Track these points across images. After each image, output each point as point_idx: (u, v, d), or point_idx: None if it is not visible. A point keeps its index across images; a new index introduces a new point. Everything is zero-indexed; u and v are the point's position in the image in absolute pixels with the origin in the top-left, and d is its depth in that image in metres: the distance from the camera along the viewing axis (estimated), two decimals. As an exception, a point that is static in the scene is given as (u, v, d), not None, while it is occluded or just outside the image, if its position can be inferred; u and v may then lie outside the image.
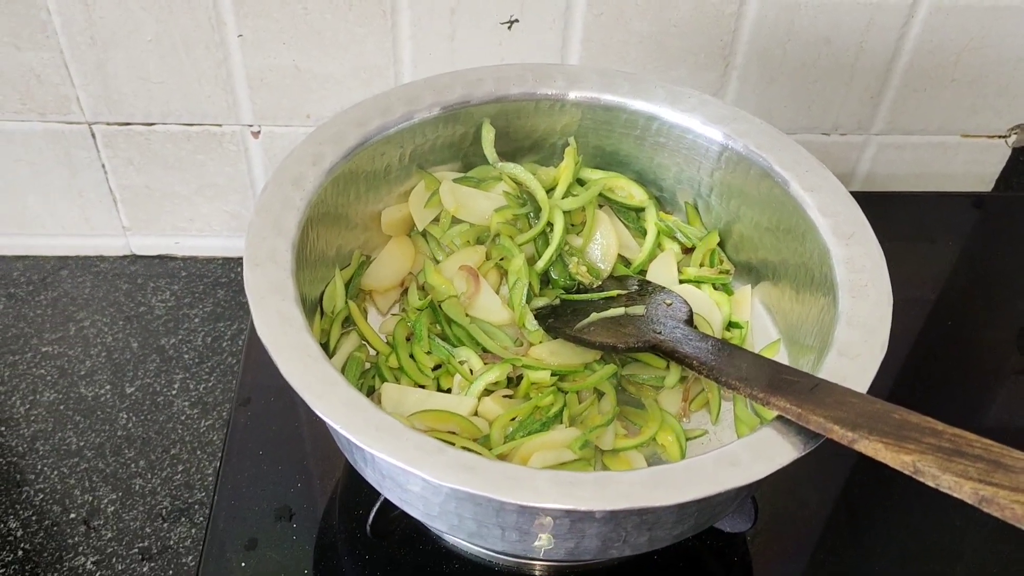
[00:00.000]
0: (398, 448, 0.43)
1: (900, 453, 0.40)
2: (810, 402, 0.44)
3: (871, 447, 0.41)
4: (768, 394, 0.46)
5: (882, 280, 0.52)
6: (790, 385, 0.46)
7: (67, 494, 0.70)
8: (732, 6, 0.74)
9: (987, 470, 0.38)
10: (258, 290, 0.49)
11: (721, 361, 0.51)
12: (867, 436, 0.41)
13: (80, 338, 0.82)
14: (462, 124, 0.64)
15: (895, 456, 0.40)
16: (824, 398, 0.44)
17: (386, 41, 0.74)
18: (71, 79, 0.76)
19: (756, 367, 0.50)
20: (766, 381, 0.47)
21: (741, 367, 0.50)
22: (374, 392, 0.57)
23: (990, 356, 0.77)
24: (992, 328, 0.79)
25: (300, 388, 0.44)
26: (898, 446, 0.40)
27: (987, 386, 0.75)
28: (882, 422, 0.41)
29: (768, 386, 0.47)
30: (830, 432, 0.43)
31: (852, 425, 0.42)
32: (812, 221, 0.57)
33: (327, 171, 0.57)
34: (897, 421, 0.41)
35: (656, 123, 0.64)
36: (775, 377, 0.48)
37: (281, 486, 0.61)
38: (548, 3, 0.73)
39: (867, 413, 0.42)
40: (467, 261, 0.62)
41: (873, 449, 0.41)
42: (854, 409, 0.43)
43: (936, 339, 0.77)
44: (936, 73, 0.81)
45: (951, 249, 0.85)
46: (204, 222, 0.86)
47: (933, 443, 0.40)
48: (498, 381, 0.56)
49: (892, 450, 0.40)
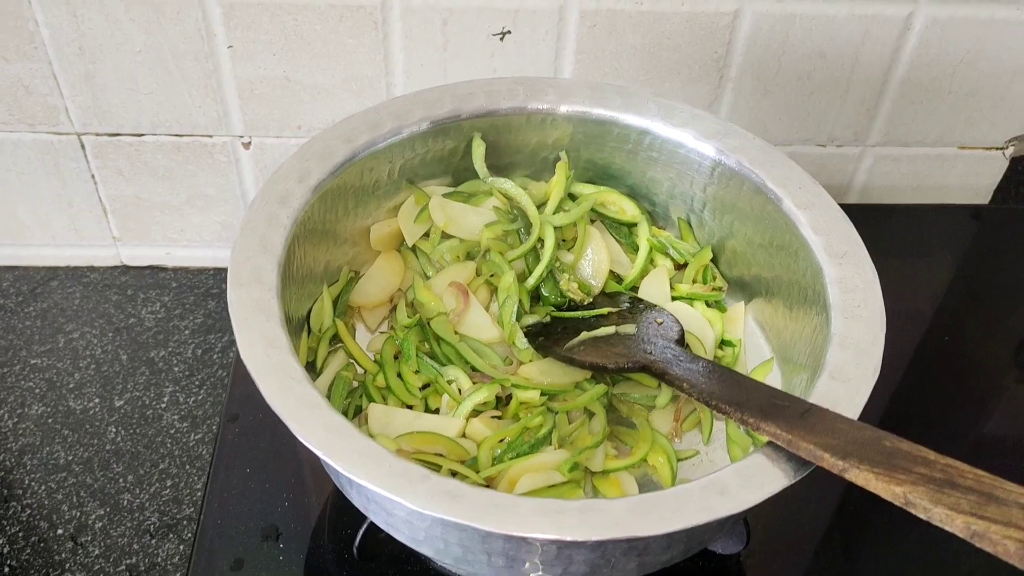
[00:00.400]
0: (380, 475, 0.42)
1: (891, 484, 0.39)
2: (800, 428, 0.43)
3: (862, 477, 0.40)
4: (759, 419, 0.45)
5: (875, 301, 0.52)
6: (781, 410, 0.45)
7: (55, 509, 0.69)
8: (726, 19, 0.73)
9: (979, 503, 0.37)
10: (242, 310, 0.48)
11: (711, 384, 0.51)
12: (857, 465, 0.40)
13: (69, 350, 0.81)
14: (452, 138, 0.63)
15: (886, 487, 0.39)
16: (815, 424, 0.44)
17: (377, 52, 0.74)
18: (60, 90, 0.75)
19: (747, 391, 0.49)
20: (757, 406, 0.47)
21: (732, 390, 0.49)
22: (361, 412, 0.56)
23: (988, 370, 0.76)
24: (990, 342, 0.78)
25: (282, 412, 0.44)
26: (889, 476, 0.39)
27: (985, 401, 0.74)
28: (873, 450, 0.41)
29: (759, 411, 0.46)
30: (820, 460, 0.42)
31: (843, 453, 0.41)
32: (805, 239, 0.56)
33: (314, 187, 0.56)
34: (888, 449, 0.41)
35: (648, 137, 0.63)
36: (766, 402, 0.47)
37: (268, 505, 0.60)
38: (541, 14, 0.72)
39: (858, 440, 0.42)
40: (457, 277, 0.61)
41: (864, 479, 0.40)
42: (845, 436, 0.42)
43: (933, 353, 0.76)
44: (932, 85, 0.80)
45: (948, 262, 0.84)
46: (195, 232, 0.86)
47: (924, 473, 0.39)
48: (487, 401, 0.55)
49: (883, 480, 0.39)
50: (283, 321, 0.49)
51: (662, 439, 0.57)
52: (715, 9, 0.73)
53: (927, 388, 0.74)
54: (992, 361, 0.77)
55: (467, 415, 0.54)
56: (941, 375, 0.75)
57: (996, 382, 0.76)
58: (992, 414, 0.73)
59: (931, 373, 0.75)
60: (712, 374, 0.52)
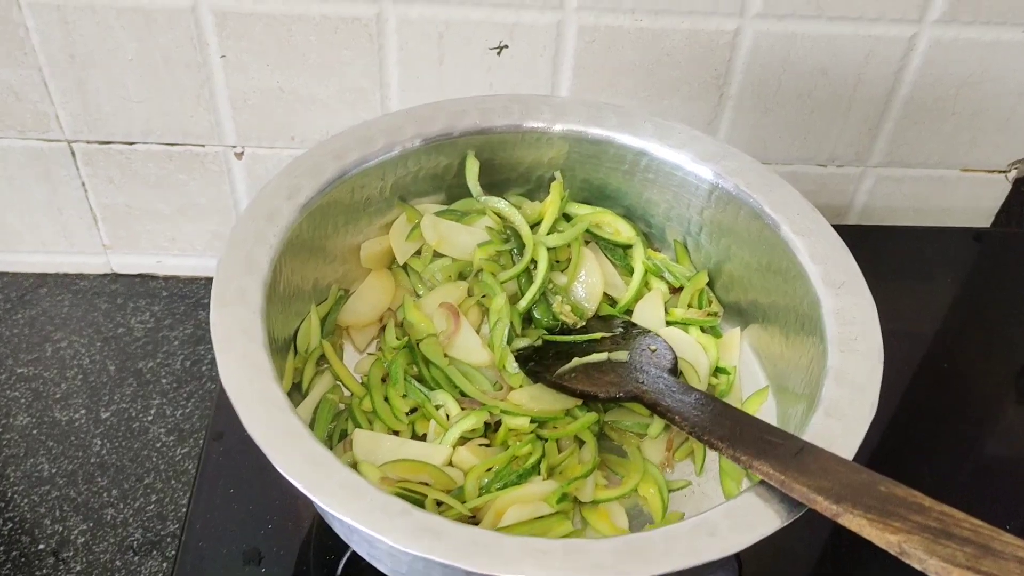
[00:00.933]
0: (360, 510, 0.41)
1: (885, 531, 0.38)
2: (794, 469, 0.42)
3: (855, 522, 0.39)
4: (751, 457, 0.44)
5: (873, 334, 0.51)
6: (774, 448, 0.44)
7: (37, 523, 0.68)
8: (727, 36, 0.72)
9: (976, 555, 0.36)
10: (224, 333, 0.47)
11: (704, 418, 0.50)
12: (851, 510, 0.39)
13: (56, 359, 0.80)
14: (445, 155, 0.62)
15: (880, 534, 0.38)
16: (809, 464, 0.42)
17: (372, 65, 0.73)
18: (50, 97, 0.74)
19: (740, 426, 0.48)
20: (750, 443, 0.46)
21: (724, 425, 0.48)
22: (347, 437, 0.55)
23: (988, 394, 0.75)
24: (991, 366, 0.77)
25: (261, 442, 0.43)
26: (883, 523, 0.38)
27: (984, 424, 0.73)
28: (867, 495, 0.40)
29: (752, 448, 0.45)
30: (813, 503, 0.41)
31: (836, 497, 0.40)
32: (802, 266, 0.55)
33: (303, 205, 0.55)
34: (883, 495, 0.40)
35: (645, 158, 0.62)
36: (759, 439, 0.46)
37: (252, 527, 0.59)
38: (538, 29, 0.71)
39: (852, 484, 0.41)
40: (448, 298, 0.60)
41: (857, 525, 0.39)
42: (839, 479, 0.41)
43: (933, 377, 0.75)
44: (936, 106, 0.79)
45: (949, 285, 0.83)
46: (186, 242, 0.85)
47: (920, 522, 0.38)
48: (475, 428, 0.54)
49: (877, 527, 0.38)
50: (267, 344, 0.47)
51: (653, 469, 0.56)
52: (716, 27, 0.72)
53: (926, 412, 0.73)
54: (993, 385, 0.76)
55: (454, 442, 0.53)
56: (941, 399, 0.74)
57: (996, 406, 0.75)
58: (992, 438, 0.72)
59: (930, 397, 0.74)
60: (705, 407, 0.51)
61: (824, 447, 0.45)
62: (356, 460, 0.52)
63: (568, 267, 0.63)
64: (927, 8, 0.72)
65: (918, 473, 0.67)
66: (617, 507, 0.54)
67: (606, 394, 0.55)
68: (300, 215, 0.55)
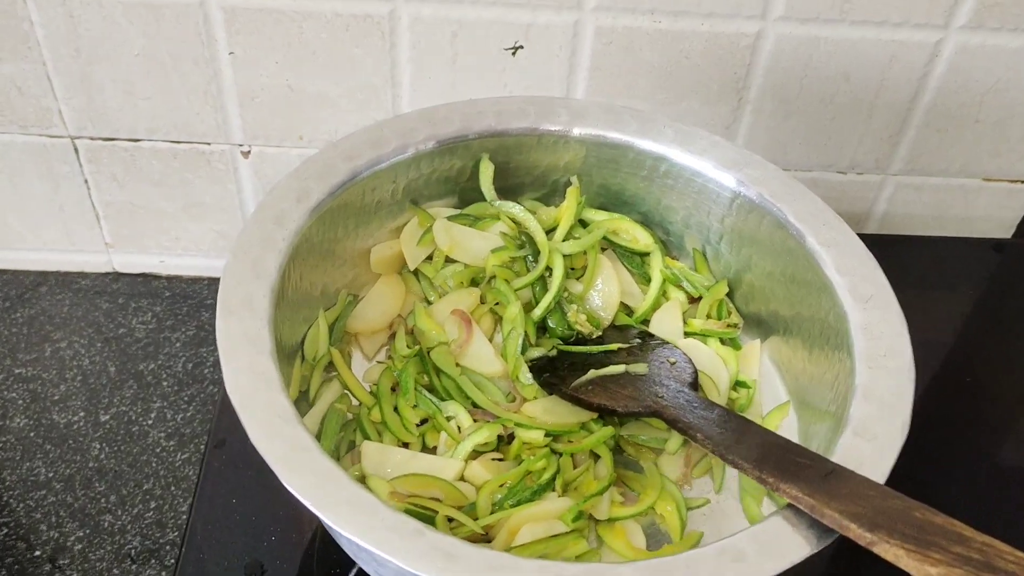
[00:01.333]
0: (371, 529, 0.39)
1: (924, 563, 0.36)
2: (824, 492, 0.40)
3: (891, 552, 0.37)
4: (778, 479, 0.42)
5: (903, 350, 0.49)
6: (802, 470, 0.42)
7: (33, 529, 0.67)
8: (747, 39, 0.70)
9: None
10: (230, 341, 0.45)
11: (727, 436, 0.48)
12: (887, 539, 0.37)
13: (56, 360, 0.78)
14: (459, 158, 0.60)
15: (919, 566, 0.36)
16: (839, 488, 0.41)
17: (384, 63, 0.71)
18: (53, 92, 0.72)
19: (765, 445, 0.46)
20: (776, 463, 0.44)
21: (749, 444, 0.46)
22: (355, 448, 0.53)
23: (1009, 406, 0.74)
24: (1011, 377, 0.76)
25: (268, 455, 0.41)
26: (922, 554, 0.36)
27: (1006, 436, 0.72)
28: (903, 522, 0.38)
29: (778, 470, 0.43)
30: (846, 530, 0.39)
31: (871, 524, 0.38)
32: (828, 279, 0.53)
33: (312, 208, 0.53)
34: (920, 522, 0.38)
35: (665, 164, 0.60)
36: (785, 459, 0.44)
37: (254, 539, 0.57)
38: (555, 30, 0.69)
39: (886, 510, 0.39)
40: (460, 305, 0.58)
41: (894, 555, 0.37)
42: (872, 504, 0.39)
43: (953, 388, 0.74)
44: (959, 113, 0.77)
45: (968, 296, 0.81)
46: (190, 241, 0.83)
47: (961, 553, 0.36)
48: (487, 442, 0.52)
49: (915, 558, 0.36)
50: (274, 353, 0.46)
51: (671, 486, 0.54)
52: (736, 29, 0.70)
53: (946, 423, 0.71)
54: (1013, 396, 0.75)
55: (466, 456, 0.51)
56: (960, 410, 0.72)
57: (1017, 417, 0.73)
58: (1013, 449, 0.70)
59: (950, 408, 0.72)
60: (728, 424, 0.49)
61: (854, 469, 0.43)
62: (365, 473, 0.50)
63: (584, 275, 0.61)
64: (953, 13, 0.70)
65: (937, 484, 0.65)
66: (634, 525, 0.52)
67: (624, 408, 0.53)
68: (309, 218, 0.53)
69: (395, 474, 0.49)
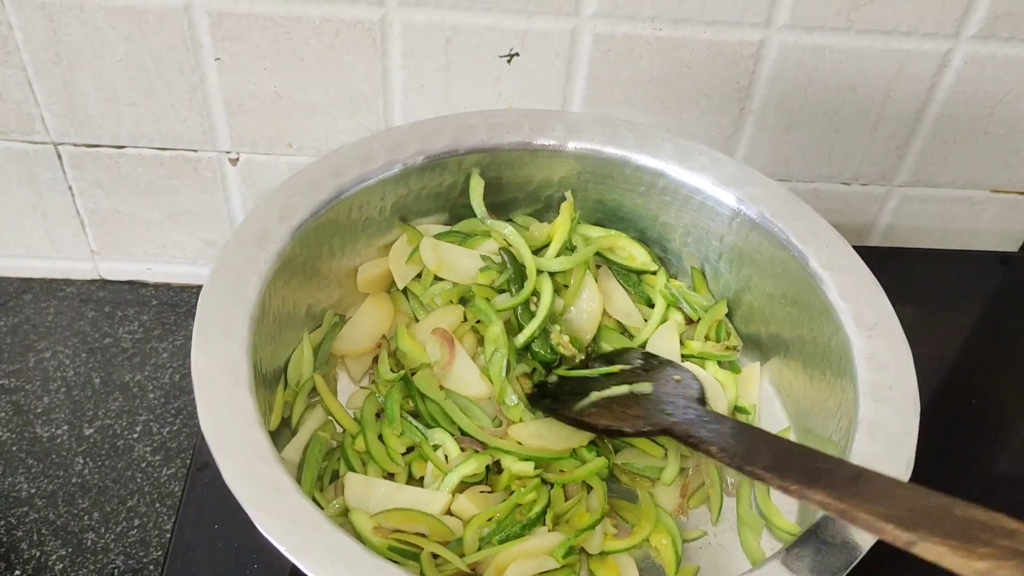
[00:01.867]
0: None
1: (971, 558, 0.33)
2: (854, 496, 0.38)
3: (934, 551, 0.34)
4: (802, 486, 0.40)
5: (908, 383, 0.47)
6: (828, 475, 0.40)
7: (13, 547, 0.65)
8: (751, 48, 0.68)
9: None
10: (206, 372, 0.44)
11: (744, 447, 0.45)
12: (928, 537, 0.34)
13: (39, 371, 0.76)
14: (450, 173, 0.59)
15: (965, 562, 0.33)
16: (870, 490, 0.38)
17: (375, 70, 0.69)
18: (35, 97, 0.70)
19: (785, 453, 0.44)
20: (799, 470, 0.41)
21: (768, 453, 0.44)
22: (338, 479, 0.51)
23: (1014, 421, 0.72)
24: (1016, 394, 0.74)
25: (243, 498, 0.39)
26: (967, 550, 0.33)
27: (1011, 452, 0.70)
28: (944, 520, 0.35)
29: (803, 476, 0.40)
30: (882, 532, 0.36)
31: (908, 524, 0.35)
32: (831, 304, 0.52)
33: (296, 227, 0.52)
34: (961, 519, 0.35)
35: (663, 180, 0.59)
36: (808, 465, 0.41)
37: (236, 567, 0.55)
38: (551, 37, 0.67)
39: (923, 509, 0.36)
40: (442, 323, 0.56)
41: (937, 553, 0.34)
42: (906, 504, 0.37)
43: (956, 405, 0.72)
44: (968, 125, 0.75)
45: (973, 310, 0.79)
46: (177, 249, 0.81)
47: (1008, 546, 0.33)
48: (475, 473, 0.50)
49: (961, 555, 0.33)
50: (252, 383, 0.44)
51: (667, 517, 0.52)
52: (739, 38, 0.68)
53: (948, 440, 0.69)
54: (1018, 411, 0.72)
55: (453, 488, 0.49)
56: (965, 429, 0.70)
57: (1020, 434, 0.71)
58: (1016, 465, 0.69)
59: (954, 426, 0.70)
60: (743, 435, 0.46)
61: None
62: (348, 507, 0.48)
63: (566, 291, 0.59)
64: (964, 23, 0.68)
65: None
66: (627, 559, 0.51)
67: (634, 428, 0.50)
68: (293, 238, 0.51)
69: (379, 507, 0.48)
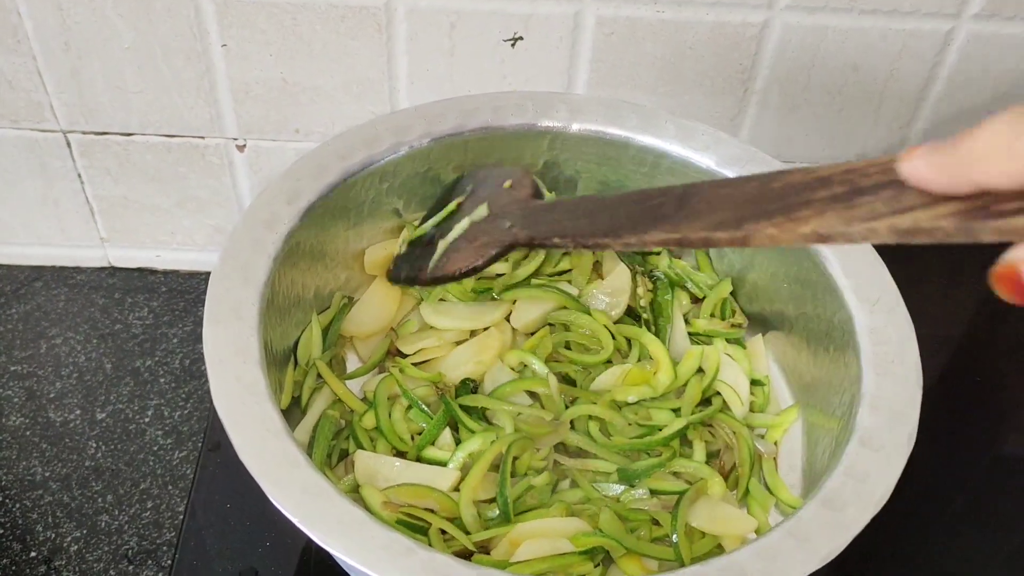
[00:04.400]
0: (361, 547, 0.38)
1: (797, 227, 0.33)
2: (685, 219, 0.38)
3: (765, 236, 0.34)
4: (639, 234, 0.40)
5: (911, 356, 0.47)
6: (657, 210, 0.40)
7: (29, 530, 0.66)
8: (753, 29, 0.69)
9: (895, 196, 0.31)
10: (217, 352, 0.44)
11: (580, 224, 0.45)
12: (755, 226, 0.34)
13: (51, 357, 0.77)
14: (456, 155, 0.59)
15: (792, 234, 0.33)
16: (697, 206, 0.38)
17: (380, 55, 0.69)
18: (44, 86, 0.71)
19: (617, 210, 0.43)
20: (631, 221, 0.41)
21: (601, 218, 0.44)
22: (348, 456, 0.52)
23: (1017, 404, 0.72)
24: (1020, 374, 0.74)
25: (255, 471, 0.40)
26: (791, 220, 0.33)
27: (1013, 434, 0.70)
28: (765, 200, 0.35)
29: (636, 225, 0.40)
30: (717, 242, 0.37)
31: (736, 222, 0.36)
32: (834, 280, 0.52)
33: (304, 209, 0.52)
34: (780, 190, 0.35)
35: (667, 160, 0.59)
36: (639, 212, 0.41)
37: (248, 545, 0.56)
38: (555, 21, 0.67)
39: (746, 200, 0.36)
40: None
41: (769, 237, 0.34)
42: (731, 202, 0.37)
43: (963, 376, 0.73)
44: (971, 104, 0.75)
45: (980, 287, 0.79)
46: (186, 235, 0.82)
47: (826, 195, 0.33)
48: (482, 451, 0.50)
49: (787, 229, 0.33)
50: (263, 362, 0.45)
51: None
52: (742, 19, 0.68)
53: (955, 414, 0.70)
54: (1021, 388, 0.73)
55: (461, 465, 0.50)
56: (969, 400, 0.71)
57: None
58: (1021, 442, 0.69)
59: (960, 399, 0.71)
60: (576, 210, 0.46)
61: (860, 482, 0.42)
62: (358, 483, 0.49)
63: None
64: (966, 2, 0.68)
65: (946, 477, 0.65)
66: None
67: (483, 258, 0.50)
68: (301, 220, 0.52)
69: (388, 484, 0.48)
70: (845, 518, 0.40)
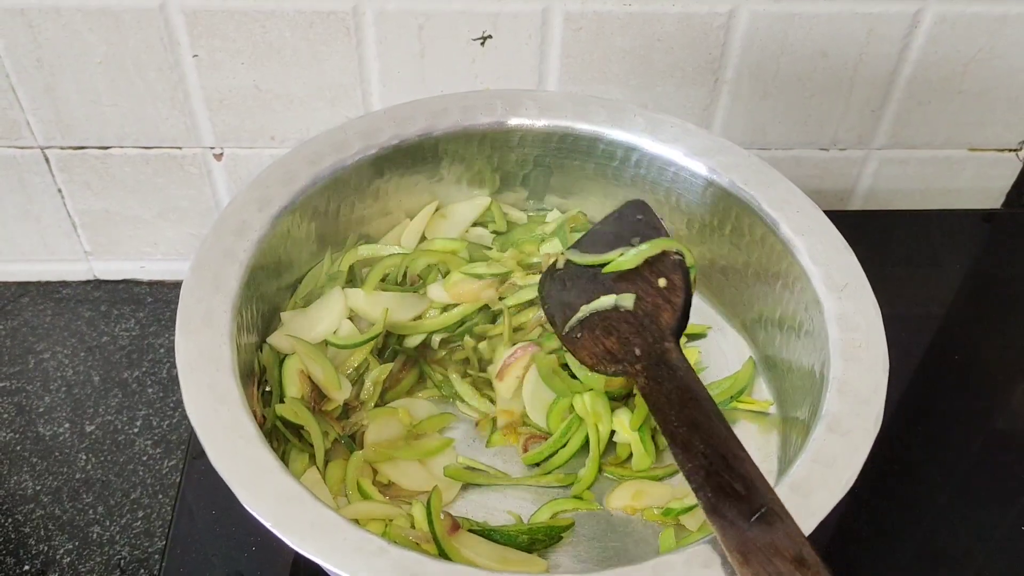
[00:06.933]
0: (333, 549, 0.39)
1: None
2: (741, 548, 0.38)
3: None
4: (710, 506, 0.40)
5: (877, 343, 0.48)
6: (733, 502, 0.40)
7: (21, 544, 0.67)
8: (721, 19, 0.69)
9: None
10: (189, 361, 0.45)
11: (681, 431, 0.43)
12: None
13: (39, 371, 0.78)
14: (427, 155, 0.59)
15: None
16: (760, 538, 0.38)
17: (351, 60, 0.70)
18: (19, 103, 0.71)
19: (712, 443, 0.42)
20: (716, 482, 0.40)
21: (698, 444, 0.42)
22: None
23: (1001, 378, 0.73)
24: (1001, 351, 0.74)
25: (229, 478, 0.41)
26: None
27: (995, 412, 0.71)
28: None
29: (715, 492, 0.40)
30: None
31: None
32: (803, 268, 0.52)
33: (275, 216, 0.53)
34: None
35: (636, 154, 0.60)
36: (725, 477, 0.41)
37: (235, 550, 0.57)
38: (523, 18, 0.68)
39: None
40: None
41: None
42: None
43: (942, 363, 0.73)
44: (941, 85, 0.75)
45: (958, 268, 0.80)
46: (169, 246, 0.82)
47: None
48: None
49: None
50: (235, 370, 0.45)
51: None
52: (709, 9, 0.68)
53: (935, 398, 0.70)
54: (1004, 368, 0.73)
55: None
56: (950, 386, 0.71)
57: (1008, 389, 0.72)
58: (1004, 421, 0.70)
59: (940, 382, 0.71)
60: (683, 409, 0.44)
61: (826, 466, 0.42)
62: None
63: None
64: (932, -17, 0.68)
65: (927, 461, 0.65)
66: None
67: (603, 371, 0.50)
68: (273, 226, 0.52)
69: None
70: (812, 503, 0.41)
